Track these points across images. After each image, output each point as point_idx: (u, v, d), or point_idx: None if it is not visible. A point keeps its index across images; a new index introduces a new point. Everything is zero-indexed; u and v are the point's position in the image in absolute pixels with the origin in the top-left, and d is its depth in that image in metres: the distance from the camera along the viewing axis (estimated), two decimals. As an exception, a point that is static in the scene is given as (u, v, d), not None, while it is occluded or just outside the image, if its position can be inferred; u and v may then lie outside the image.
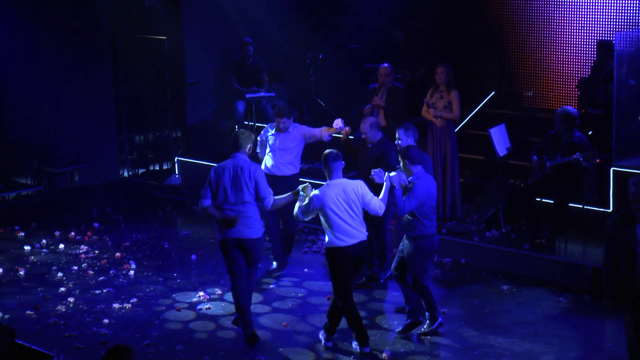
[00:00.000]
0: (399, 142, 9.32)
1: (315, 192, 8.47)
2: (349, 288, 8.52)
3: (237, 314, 8.95)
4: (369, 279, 10.21)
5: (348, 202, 8.40)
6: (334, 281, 8.55)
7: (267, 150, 10.58)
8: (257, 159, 10.36)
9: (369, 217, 8.80)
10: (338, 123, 10.39)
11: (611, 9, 12.74)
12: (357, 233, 8.45)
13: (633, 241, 7.06)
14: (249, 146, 8.85)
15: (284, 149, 10.47)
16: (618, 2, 12.67)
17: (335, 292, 8.56)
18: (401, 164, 8.74)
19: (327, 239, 8.48)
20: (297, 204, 8.62)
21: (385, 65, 11.93)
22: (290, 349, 8.74)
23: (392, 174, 8.52)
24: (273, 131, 10.56)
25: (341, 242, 8.41)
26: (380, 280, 10.20)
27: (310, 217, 8.59)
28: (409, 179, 8.61)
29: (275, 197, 8.88)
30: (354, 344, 8.62)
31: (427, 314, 8.88)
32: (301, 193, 8.62)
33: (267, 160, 10.56)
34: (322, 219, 8.49)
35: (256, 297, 9.68)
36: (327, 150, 8.60)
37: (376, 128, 9.86)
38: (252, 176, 8.68)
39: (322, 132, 10.49)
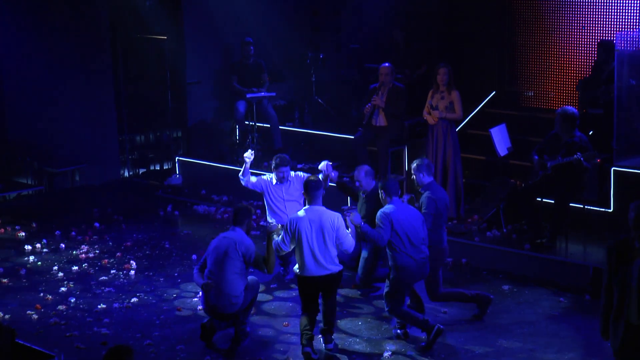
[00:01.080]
0: (413, 177, 9.20)
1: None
2: (311, 306, 8.47)
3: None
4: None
5: (321, 231, 8.33)
6: (300, 297, 8.61)
7: (271, 204, 10.33)
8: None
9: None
10: (324, 167, 9.90)
11: (611, 10, 12.75)
12: (324, 266, 8.37)
13: (627, 275, 6.66)
14: (247, 222, 8.80)
15: (291, 200, 10.24)
16: (618, 2, 12.67)
17: (301, 303, 8.64)
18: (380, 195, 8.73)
19: (297, 265, 8.51)
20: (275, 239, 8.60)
21: (386, 64, 11.94)
22: (290, 348, 8.73)
23: (352, 215, 8.46)
24: (274, 183, 10.27)
25: (304, 272, 8.40)
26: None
27: (290, 246, 8.47)
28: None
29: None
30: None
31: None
32: (274, 235, 8.69)
33: (276, 213, 10.28)
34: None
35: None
36: (309, 178, 8.63)
37: (370, 176, 9.70)
38: (240, 251, 8.62)
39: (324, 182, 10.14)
